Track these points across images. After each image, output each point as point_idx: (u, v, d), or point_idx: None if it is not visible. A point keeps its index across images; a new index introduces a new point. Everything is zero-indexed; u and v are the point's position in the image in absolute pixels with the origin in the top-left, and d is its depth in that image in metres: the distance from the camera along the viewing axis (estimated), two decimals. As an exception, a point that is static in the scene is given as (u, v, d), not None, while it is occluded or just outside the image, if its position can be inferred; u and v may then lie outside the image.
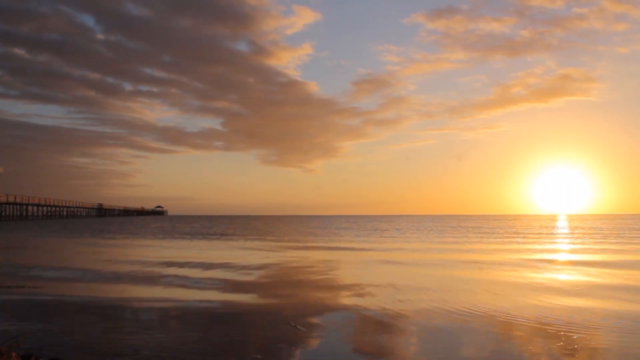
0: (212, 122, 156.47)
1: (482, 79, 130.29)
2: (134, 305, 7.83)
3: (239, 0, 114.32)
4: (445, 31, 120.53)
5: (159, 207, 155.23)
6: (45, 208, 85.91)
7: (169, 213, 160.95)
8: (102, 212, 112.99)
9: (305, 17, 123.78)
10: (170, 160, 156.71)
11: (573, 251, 19.43)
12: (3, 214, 70.51)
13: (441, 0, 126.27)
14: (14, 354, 4.27)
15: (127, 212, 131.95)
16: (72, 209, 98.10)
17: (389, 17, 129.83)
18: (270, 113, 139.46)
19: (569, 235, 31.57)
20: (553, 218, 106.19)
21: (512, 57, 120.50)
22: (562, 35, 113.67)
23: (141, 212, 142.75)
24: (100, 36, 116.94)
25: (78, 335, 5.76)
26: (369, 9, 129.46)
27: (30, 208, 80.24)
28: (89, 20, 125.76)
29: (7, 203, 71.75)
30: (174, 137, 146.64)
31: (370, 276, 11.40)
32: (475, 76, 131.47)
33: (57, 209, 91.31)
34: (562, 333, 5.75)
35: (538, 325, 6.18)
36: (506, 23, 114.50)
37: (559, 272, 12.53)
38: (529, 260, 15.62)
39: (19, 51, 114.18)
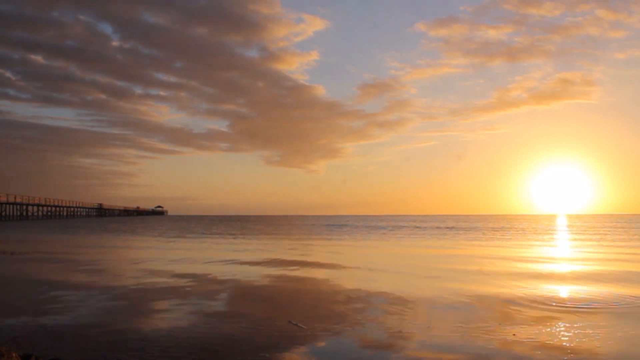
0: (218, 124, 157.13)
1: (482, 83, 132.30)
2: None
3: (253, 9, 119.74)
4: (446, 39, 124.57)
5: (159, 207, 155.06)
6: (45, 208, 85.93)
7: (169, 213, 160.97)
8: (102, 212, 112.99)
9: (315, 25, 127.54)
10: (174, 161, 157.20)
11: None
12: (3, 214, 70.52)
13: (442, 10, 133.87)
14: (14, 354, 4.22)
15: (127, 212, 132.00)
16: (72, 209, 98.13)
17: (393, 26, 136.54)
18: (278, 115, 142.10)
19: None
20: (553, 218, 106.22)
21: (511, 63, 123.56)
22: (560, 42, 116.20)
23: (141, 212, 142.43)
24: (115, 43, 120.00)
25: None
26: (375, 19, 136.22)
27: (30, 208, 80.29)
28: (107, 28, 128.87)
29: (7, 203, 71.77)
30: (180, 138, 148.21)
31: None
32: (475, 80, 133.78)
33: (57, 208, 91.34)
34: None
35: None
36: (504, 30, 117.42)
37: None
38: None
39: (36, 57, 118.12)
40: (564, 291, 9.00)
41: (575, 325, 6.13)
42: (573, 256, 17.12)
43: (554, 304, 7.58)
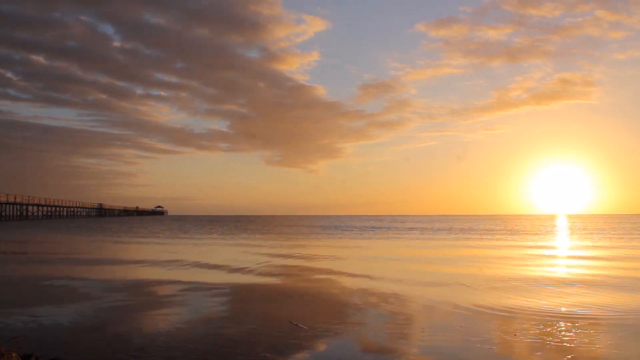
0: (219, 124, 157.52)
1: (482, 83, 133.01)
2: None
3: (254, 10, 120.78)
4: (446, 39, 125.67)
5: (159, 207, 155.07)
6: (45, 208, 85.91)
7: (169, 213, 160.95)
8: (102, 212, 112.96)
9: (315, 26, 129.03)
10: (174, 161, 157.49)
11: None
12: (3, 214, 70.49)
13: (442, 11, 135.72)
14: (14, 354, 4.21)
15: (127, 212, 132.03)
16: (72, 209, 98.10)
17: (393, 27, 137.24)
18: (278, 116, 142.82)
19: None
20: (553, 218, 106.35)
21: (511, 63, 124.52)
22: (560, 42, 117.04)
23: (141, 212, 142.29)
24: (116, 43, 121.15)
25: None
26: (375, 19, 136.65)
27: (30, 208, 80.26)
28: (108, 28, 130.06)
29: (7, 203, 71.74)
30: (180, 138, 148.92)
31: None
32: (475, 80, 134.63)
33: (57, 209, 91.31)
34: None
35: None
36: (504, 31, 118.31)
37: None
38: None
39: (37, 57, 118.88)
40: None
41: None
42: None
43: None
